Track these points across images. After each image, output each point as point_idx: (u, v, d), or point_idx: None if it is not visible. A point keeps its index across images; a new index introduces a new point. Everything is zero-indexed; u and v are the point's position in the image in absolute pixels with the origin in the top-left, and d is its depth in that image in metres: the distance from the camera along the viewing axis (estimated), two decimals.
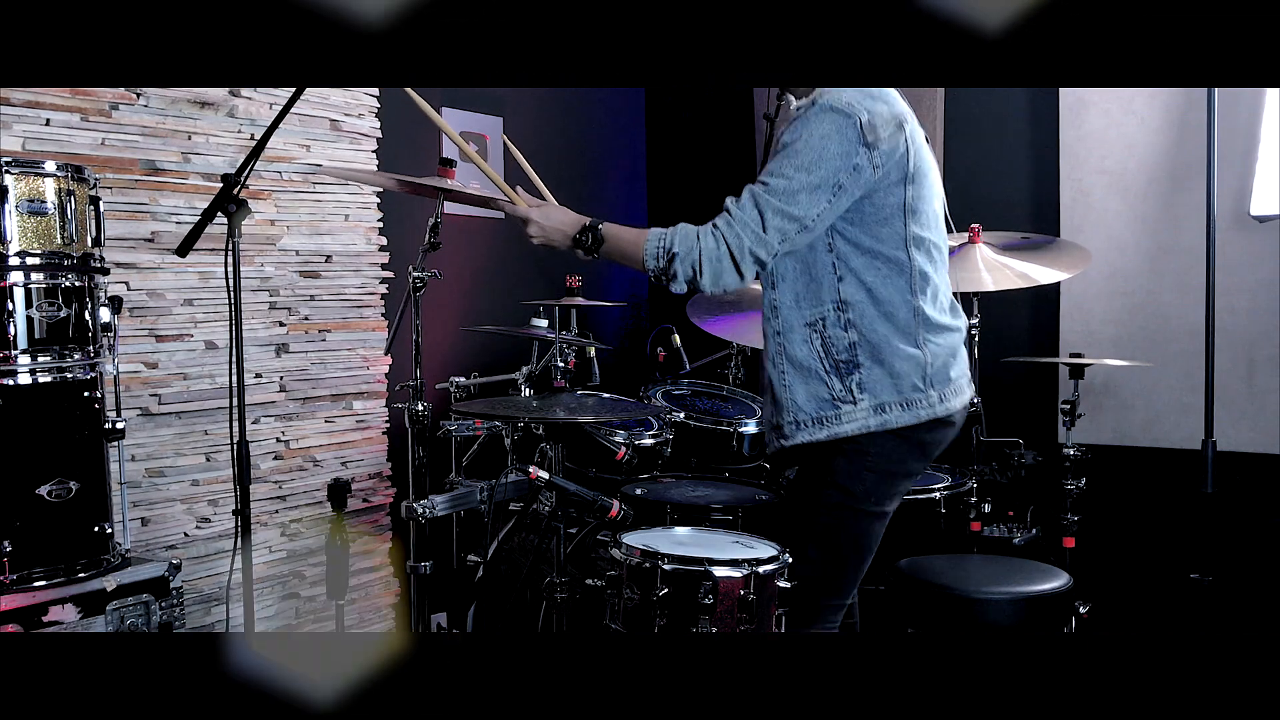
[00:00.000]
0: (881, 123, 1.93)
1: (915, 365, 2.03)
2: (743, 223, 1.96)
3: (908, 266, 2.01)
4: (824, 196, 1.93)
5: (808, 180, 1.92)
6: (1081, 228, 3.52)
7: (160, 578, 2.35)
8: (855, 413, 2.02)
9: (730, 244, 1.95)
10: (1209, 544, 2.84)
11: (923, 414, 2.03)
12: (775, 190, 1.94)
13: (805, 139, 1.93)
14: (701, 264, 1.96)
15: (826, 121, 1.92)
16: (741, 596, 2.00)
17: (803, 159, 1.93)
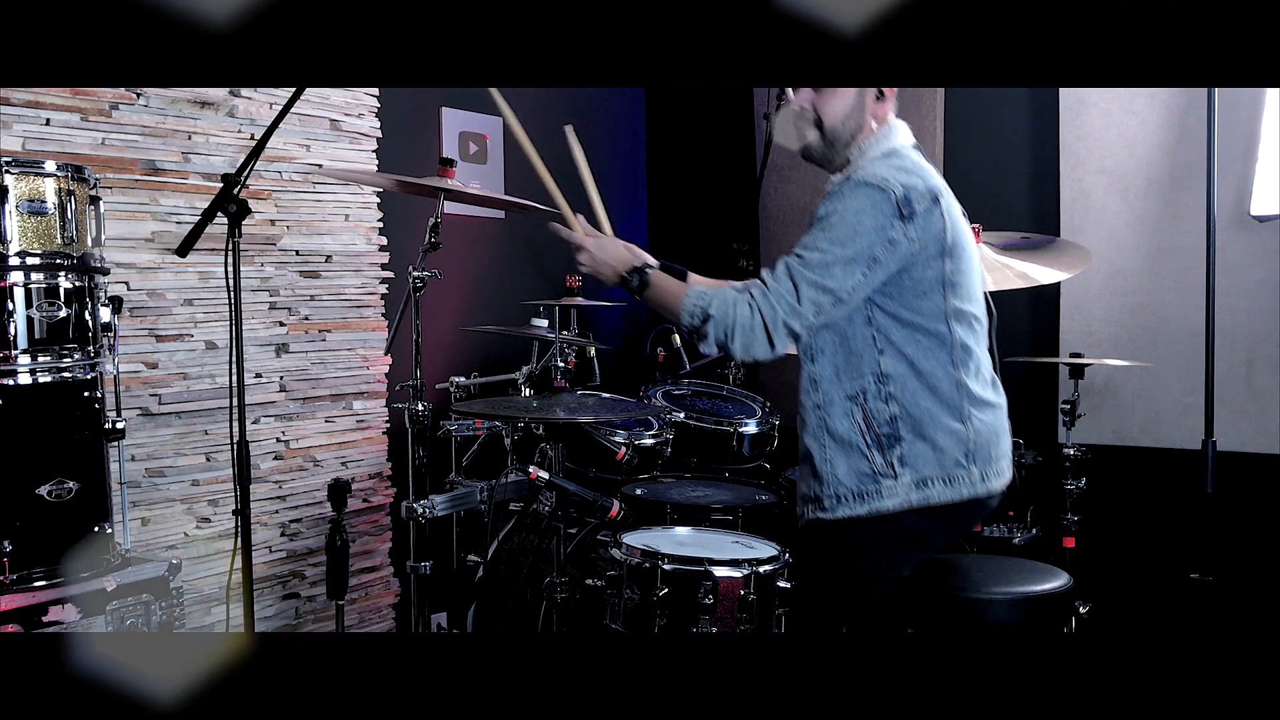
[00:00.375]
0: (917, 197, 1.93)
1: (958, 440, 2.00)
2: (777, 294, 1.93)
3: (949, 339, 2.00)
4: (859, 269, 1.92)
5: (842, 253, 1.91)
6: (1081, 228, 3.52)
7: (160, 578, 2.35)
8: (896, 487, 1.99)
9: (764, 314, 1.93)
10: (1209, 544, 2.83)
11: (964, 492, 2.01)
12: (810, 263, 1.92)
13: (840, 213, 1.93)
14: (734, 331, 1.94)
15: (861, 196, 1.92)
16: (742, 596, 2.00)
17: (838, 232, 1.92)
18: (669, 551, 2.06)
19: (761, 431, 3.10)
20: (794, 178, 4.21)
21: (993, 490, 2.05)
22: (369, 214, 3.37)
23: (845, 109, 2.05)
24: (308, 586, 3.20)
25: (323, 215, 3.24)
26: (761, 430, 3.10)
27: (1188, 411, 3.29)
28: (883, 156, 2.02)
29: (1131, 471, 3.43)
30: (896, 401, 1.99)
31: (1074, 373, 2.98)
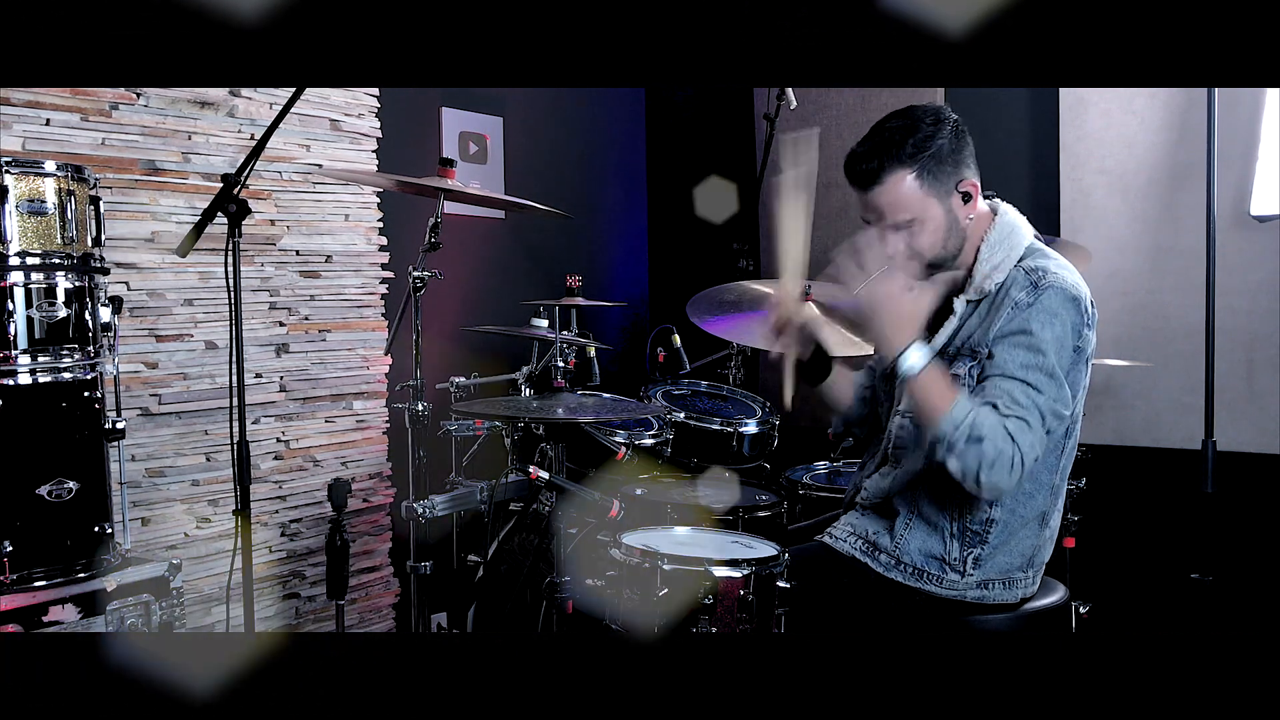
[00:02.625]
0: (1089, 298, 1.92)
1: (1032, 547, 1.99)
2: (1036, 428, 1.82)
3: (1064, 447, 1.96)
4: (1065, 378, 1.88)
5: (1061, 373, 1.86)
6: (1081, 228, 3.52)
7: (160, 578, 2.35)
8: (959, 583, 1.97)
9: (1024, 450, 1.79)
10: (1209, 544, 2.84)
11: (1018, 594, 2.00)
12: (1044, 389, 1.84)
13: (1049, 326, 1.86)
14: (996, 464, 1.78)
15: (1059, 307, 1.86)
16: (741, 596, 1.99)
17: (1054, 351, 1.85)
18: (668, 551, 2.05)
19: (762, 431, 3.10)
20: None
21: (1033, 591, 2.04)
22: (369, 214, 3.37)
23: (939, 237, 1.96)
24: (308, 586, 3.20)
25: (323, 215, 3.24)
26: (762, 430, 3.10)
27: (1188, 411, 3.29)
28: (1040, 253, 1.96)
29: (1131, 471, 3.43)
30: (1000, 506, 1.95)
31: None
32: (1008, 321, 1.89)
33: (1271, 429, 3.19)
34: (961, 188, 1.94)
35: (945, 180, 1.93)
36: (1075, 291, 1.90)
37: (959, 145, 1.94)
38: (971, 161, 1.97)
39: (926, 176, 1.91)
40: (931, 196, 1.92)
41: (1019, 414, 1.82)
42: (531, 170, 4.02)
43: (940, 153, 1.91)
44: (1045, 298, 1.87)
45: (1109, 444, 3.45)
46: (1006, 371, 1.86)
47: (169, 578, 2.36)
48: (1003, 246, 1.97)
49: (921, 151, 1.90)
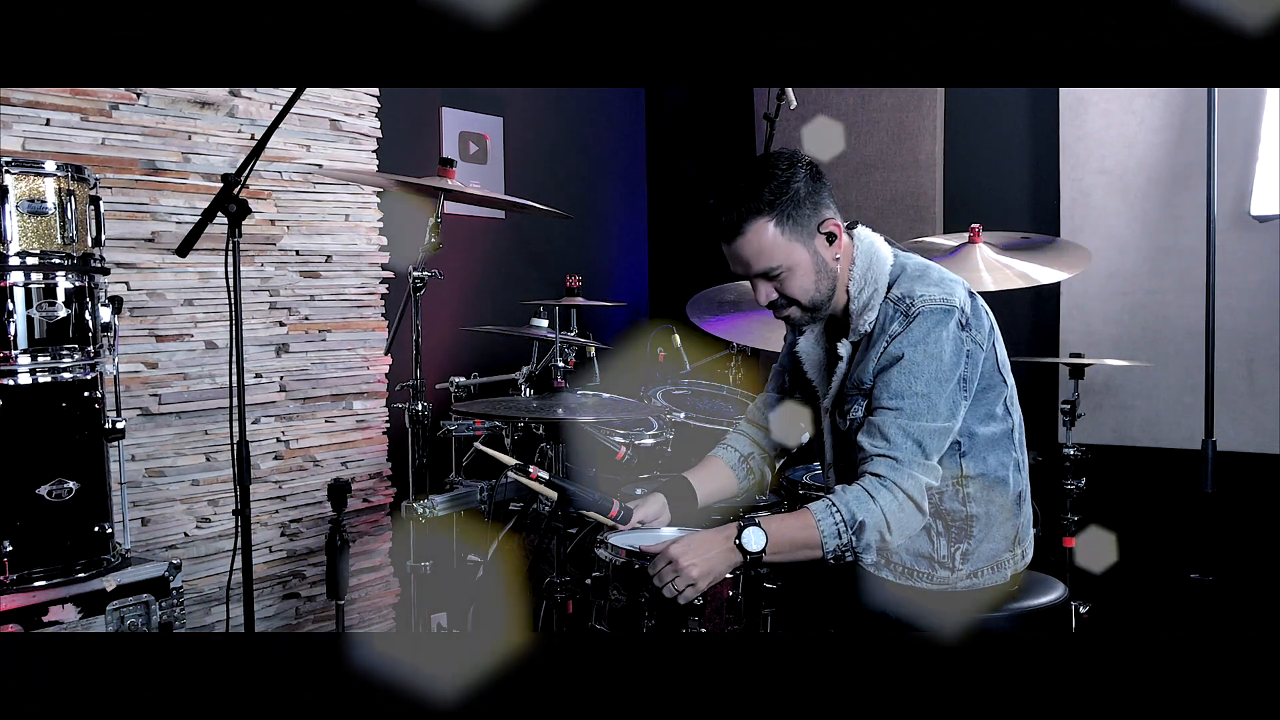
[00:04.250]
0: (965, 301, 1.91)
1: (1014, 526, 2.01)
2: (909, 461, 1.85)
3: (1012, 424, 1.99)
4: (959, 396, 1.89)
5: (941, 390, 1.87)
6: (1081, 228, 3.52)
7: (160, 578, 2.35)
8: (950, 578, 1.98)
9: (906, 489, 1.84)
10: (1209, 544, 2.84)
11: (1007, 573, 2.02)
12: (917, 412, 1.86)
13: (920, 347, 1.87)
14: (890, 523, 1.83)
15: (930, 324, 1.87)
16: (730, 597, 1.99)
17: (926, 369, 1.86)
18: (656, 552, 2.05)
19: None
20: None
21: (1028, 562, 2.07)
22: (369, 214, 3.37)
23: (810, 280, 1.94)
24: (308, 586, 3.20)
25: (323, 215, 3.24)
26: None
27: (1188, 411, 3.29)
28: (904, 275, 1.95)
29: (1131, 471, 3.43)
30: (975, 502, 1.97)
31: (1074, 373, 2.98)
32: (883, 351, 1.90)
33: (1271, 429, 3.19)
34: (825, 228, 1.93)
35: (806, 223, 1.91)
36: (945, 305, 1.88)
37: (816, 187, 1.93)
38: (830, 201, 1.95)
39: (787, 222, 1.89)
40: (795, 241, 1.91)
41: (887, 453, 1.85)
42: (531, 170, 4.02)
43: (797, 196, 1.90)
44: (915, 325, 1.87)
45: (1109, 444, 3.45)
46: (880, 402, 1.89)
47: (169, 578, 2.36)
48: (868, 280, 1.96)
49: (779, 198, 1.89)
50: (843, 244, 1.96)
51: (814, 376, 2.09)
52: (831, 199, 1.95)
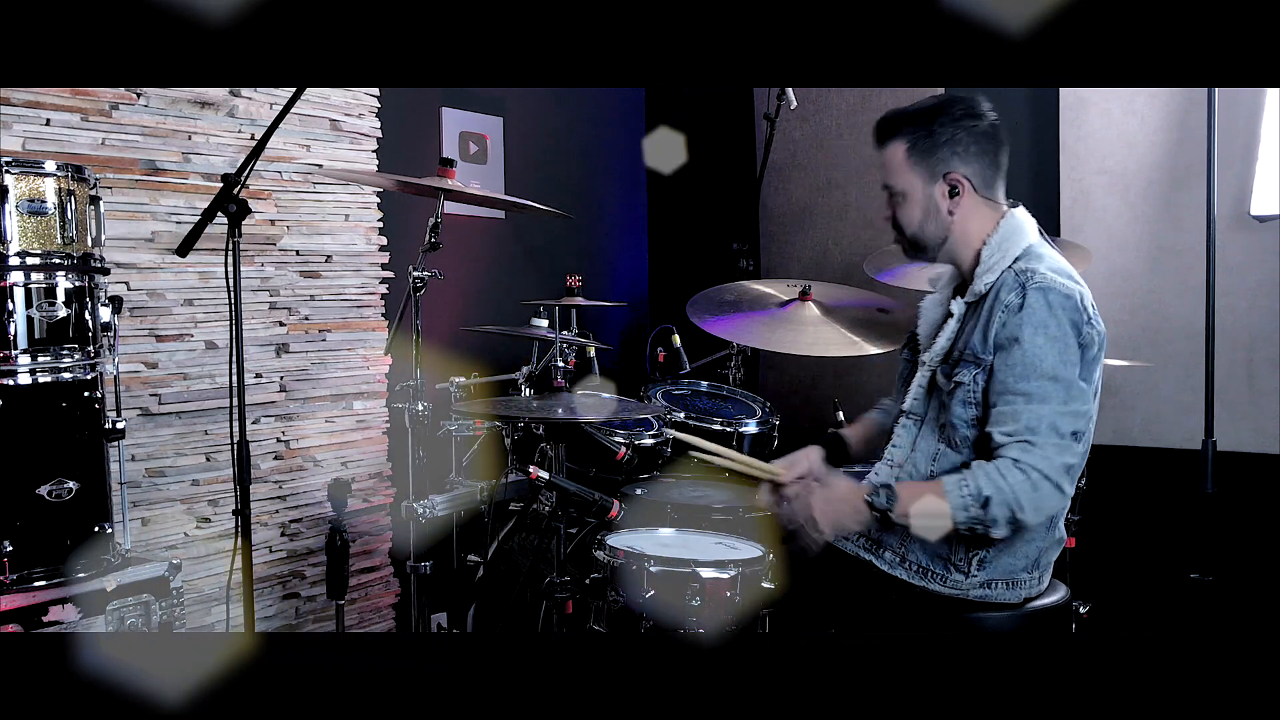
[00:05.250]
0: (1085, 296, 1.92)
1: (1038, 549, 1.99)
2: (1042, 443, 1.83)
3: (1080, 451, 1.93)
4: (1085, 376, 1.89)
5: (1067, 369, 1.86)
6: (1081, 228, 3.52)
7: (160, 578, 2.35)
8: (963, 583, 1.97)
9: (1042, 469, 1.81)
10: (1209, 544, 2.83)
11: (1021, 594, 1.99)
12: (1047, 395, 1.84)
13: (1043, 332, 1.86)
14: (1021, 501, 1.81)
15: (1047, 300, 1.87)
16: (728, 598, 1.99)
17: (1049, 352, 1.86)
18: (654, 553, 2.05)
19: (762, 432, 3.10)
20: (794, 178, 4.21)
21: (1041, 591, 2.04)
22: (369, 214, 3.37)
23: (916, 215, 2.02)
24: (308, 586, 3.20)
25: (323, 215, 3.24)
26: (762, 430, 3.10)
27: (1188, 411, 3.29)
28: (1034, 255, 1.96)
29: (1131, 471, 3.43)
30: None
31: None
32: (1001, 328, 1.89)
33: (1271, 429, 3.19)
34: (949, 179, 1.98)
35: (933, 165, 1.98)
36: (1066, 290, 1.89)
37: (965, 140, 1.98)
38: (975, 160, 1.99)
39: (915, 154, 1.99)
40: (916, 175, 1.99)
41: (1021, 438, 1.83)
42: (531, 170, 4.02)
43: (936, 139, 1.98)
44: (1031, 300, 1.87)
45: (1109, 444, 3.45)
46: (1006, 387, 1.87)
47: (169, 578, 2.36)
48: (1001, 248, 1.98)
49: (919, 131, 1.98)
50: (965, 201, 1.99)
51: (923, 332, 2.11)
52: (980, 160, 1.99)
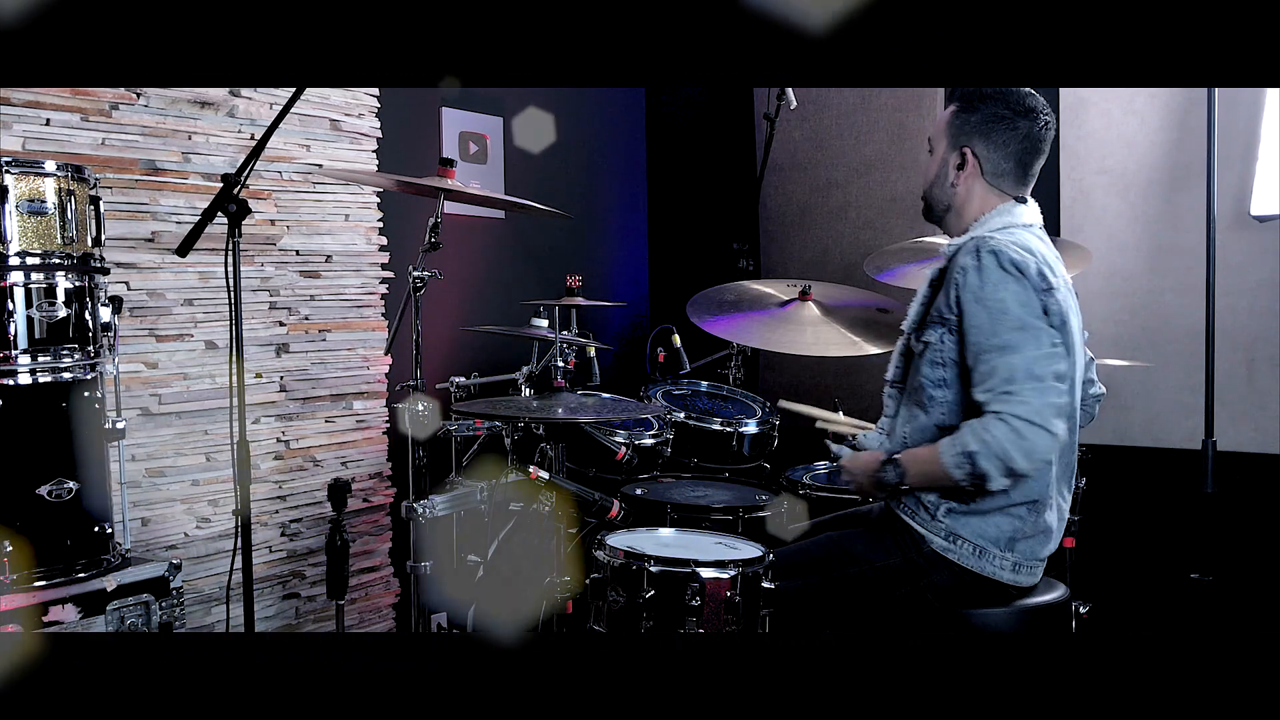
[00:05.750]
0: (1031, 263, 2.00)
1: (1014, 529, 2.04)
2: (1019, 390, 1.90)
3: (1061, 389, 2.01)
4: (1054, 333, 1.96)
5: (1034, 320, 1.95)
6: (1081, 228, 3.52)
7: (160, 578, 2.35)
8: (928, 524, 2.05)
9: (1022, 414, 1.88)
10: (1209, 544, 2.84)
11: (987, 568, 2.05)
12: (1018, 345, 1.93)
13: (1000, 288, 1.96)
14: (1007, 450, 1.88)
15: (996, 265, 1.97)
16: (728, 598, 1.99)
17: (1010, 307, 1.95)
18: (654, 553, 2.05)
19: (761, 431, 3.10)
20: (794, 178, 4.21)
21: (1019, 583, 2.08)
22: (369, 214, 3.37)
23: (932, 170, 2.19)
24: (308, 586, 3.20)
25: (323, 215, 3.24)
26: (761, 430, 3.10)
27: (1188, 411, 3.29)
28: (1007, 232, 2.07)
29: (1131, 471, 3.43)
30: None
31: None
32: (961, 291, 1.99)
33: (1271, 429, 3.19)
34: (963, 152, 2.13)
35: (961, 136, 2.13)
36: (1019, 255, 1.97)
37: (998, 128, 2.10)
38: (996, 149, 2.11)
39: (955, 121, 2.14)
40: (946, 137, 2.16)
41: (999, 390, 1.91)
42: (531, 170, 4.02)
43: (973, 116, 2.12)
44: (985, 261, 1.97)
45: (1109, 444, 3.45)
46: (980, 348, 1.96)
47: (169, 578, 2.36)
48: (984, 226, 2.10)
49: (969, 104, 2.12)
50: (970, 177, 2.13)
51: (911, 308, 2.19)
52: (1004, 150, 2.11)
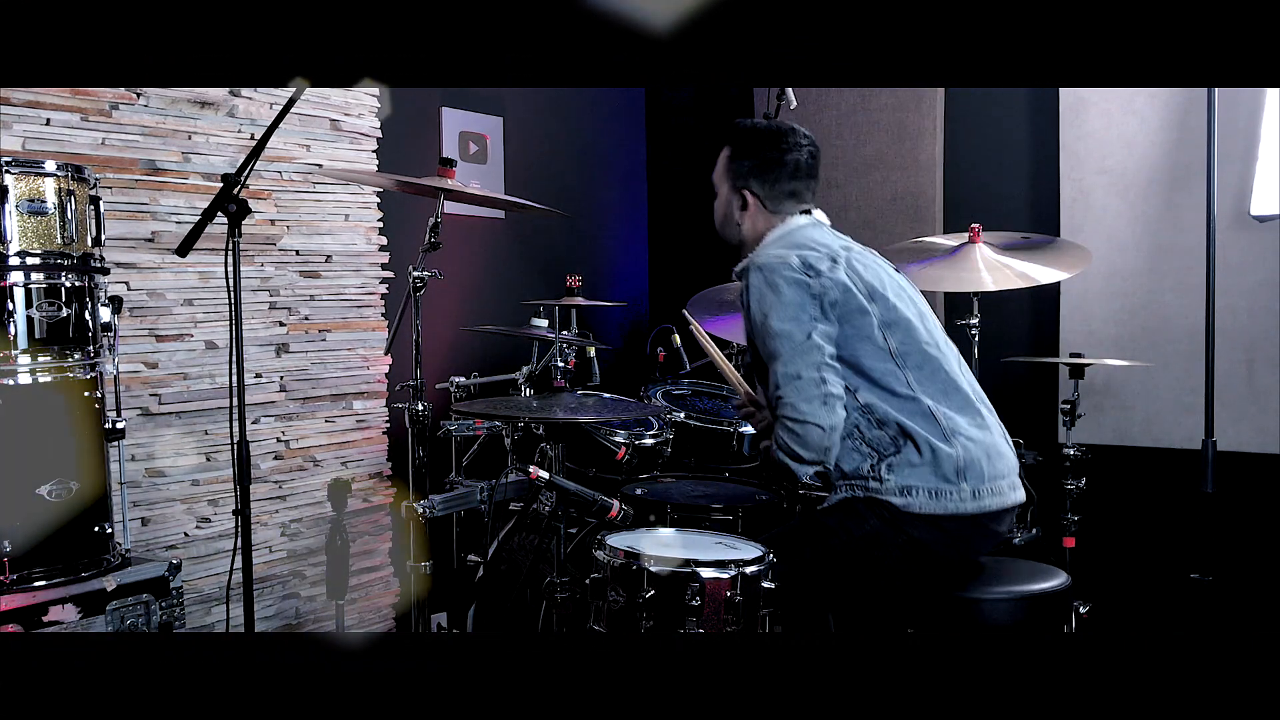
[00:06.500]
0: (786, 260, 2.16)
1: (946, 459, 2.10)
2: (786, 392, 2.08)
3: (896, 358, 2.15)
4: (814, 323, 2.10)
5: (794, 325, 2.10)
6: (1081, 228, 3.52)
7: (160, 578, 2.35)
8: (881, 489, 2.11)
9: (790, 415, 2.08)
10: (1209, 544, 2.84)
11: (950, 506, 2.10)
12: (778, 352, 2.10)
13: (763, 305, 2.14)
14: (791, 448, 2.09)
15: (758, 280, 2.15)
16: (728, 598, 1.99)
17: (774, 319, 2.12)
18: (654, 553, 2.05)
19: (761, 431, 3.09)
20: None
21: (986, 508, 2.11)
22: (369, 214, 3.37)
23: (720, 212, 2.37)
24: (308, 586, 3.20)
25: (323, 215, 3.24)
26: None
27: (1188, 411, 3.29)
28: (777, 244, 2.24)
29: (1131, 471, 3.43)
30: (890, 425, 2.11)
31: (1074, 373, 2.98)
32: (747, 311, 2.18)
33: (1271, 429, 3.19)
34: (743, 193, 2.31)
35: (737, 179, 2.32)
36: (774, 259, 2.15)
37: (771, 167, 2.28)
38: (769, 185, 2.29)
39: (732, 166, 2.32)
40: (725, 181, 2.34)
41: (774, 395, 2.11)
42: (531, 170, 4.02)
43: (750, 162, 2.30)
44: (751, 279, 2.16)
45: (1109, 444, 3.45)
46: (761, 357, 2.17)
47: (169, 578, 2.36)
48: (769, 247, 2.25)
49: (742, 148, 2.31)
50: (752, 214, 2.32)
51: None
52: (777, 185, 2.30)
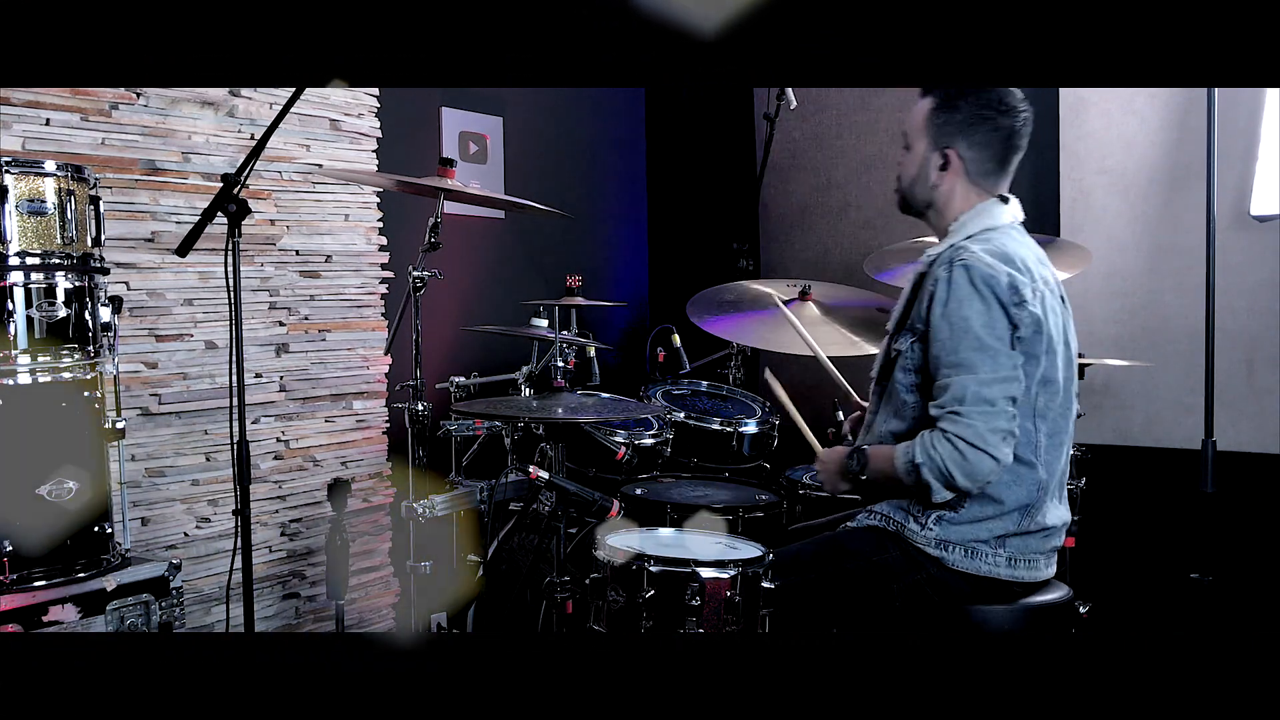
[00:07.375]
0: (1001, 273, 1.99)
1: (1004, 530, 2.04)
2: (969, 411, 1.93)
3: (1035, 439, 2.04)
4: (1016, 352, 1.96)
5: (995, 342, 1.95)
6: (1081, 228, 3.52)
7: (160, 578, 2.35)
8: (919, 535, 2.05)
9: (967, 438, 1.92)
10: (1209, 544, 2.83)
11: (981, 567, 2.05)
12: (974, 365, 1.94)
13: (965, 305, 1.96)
14: (949, 468, 1.93)
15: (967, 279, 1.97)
16: (728, 598, 1.99)
17: (973, 324, 1.95)
18: (654, 553, 2.05)
19: (761, 431, 3.10)
20: (794, 177, 4.21)
21: (1019, 578, 2.07)
22: (369, 214, 3.37)
23: (911, 169, 2.16)
24: (308, 586, 3.20)
25: (323, 215, 3.24)
26: (761, 430, 3.10)
27: (1188, 411, 3.29)
28: (980, 237, 2.05)
29: (1131, 471, 3.43)
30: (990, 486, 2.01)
31: None
32: (930, 303, 2.00)
33: (1271, 429, 3.20)
34: (946, 153, 2.10)
35: (941, 135, 2.10)
36: (990, 268, 1.96)
37: (980, 128, 2.08)
38: (979, 149, 2.09)
39: (936, 119, 2.10)
40: (925, 134, 2.12)
41: (949, 409, 1.94)
42: (531, 170, 4.02)
43: (956, 114, 2.08)
44: (956, 276, 1.97)
45: (1109, 444, 3.45)
46: (940, 362, 1.99)
47: (169, 578, 2.36)
48: (964, 228, 2.09)
49: (948, 101, 2.09)
50: (953, 178, 2.11)
51: (895, 308, 2.20)
52: (986, 150, 2.09)
